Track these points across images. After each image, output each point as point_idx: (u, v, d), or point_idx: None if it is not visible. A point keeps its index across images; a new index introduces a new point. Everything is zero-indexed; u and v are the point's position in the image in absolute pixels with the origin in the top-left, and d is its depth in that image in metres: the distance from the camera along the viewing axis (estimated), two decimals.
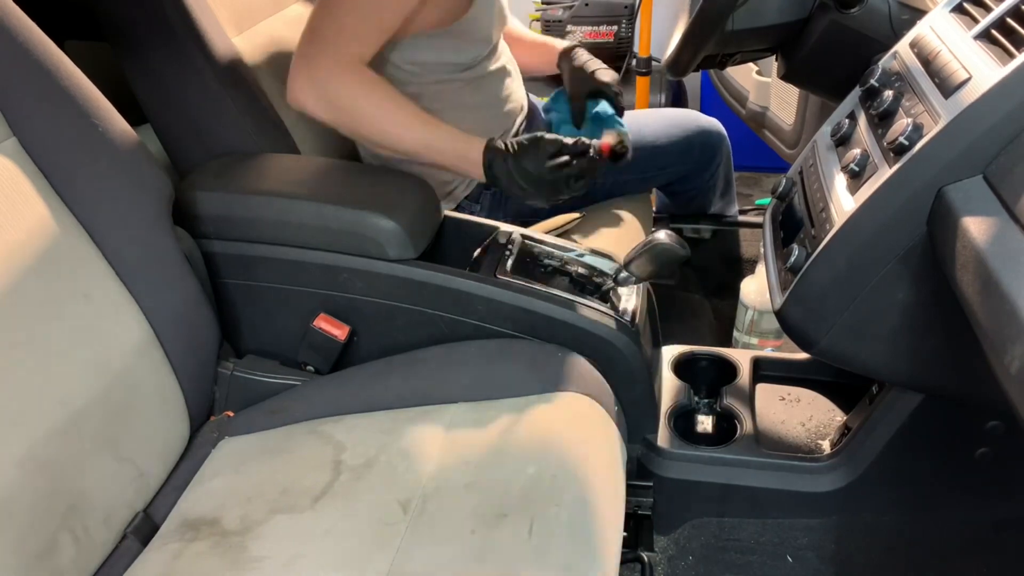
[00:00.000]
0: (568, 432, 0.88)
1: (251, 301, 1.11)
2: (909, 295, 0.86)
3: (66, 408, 0.81)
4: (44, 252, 0.83)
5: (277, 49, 1.33)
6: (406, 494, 0.82)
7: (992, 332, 0.63)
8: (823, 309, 0.90)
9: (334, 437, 0.91)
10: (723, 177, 1.69)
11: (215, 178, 1.11)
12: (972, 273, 0.67)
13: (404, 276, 1.05)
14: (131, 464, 0.87)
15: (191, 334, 0.98)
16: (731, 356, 1.25)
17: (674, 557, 1.13)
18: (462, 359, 1.01)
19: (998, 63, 0.76)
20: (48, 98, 0.87)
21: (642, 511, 1.11)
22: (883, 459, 1.04)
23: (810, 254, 0.90)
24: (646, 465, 1.11)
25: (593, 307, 1.05)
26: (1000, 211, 0.68)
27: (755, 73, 1.96)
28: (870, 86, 0.97)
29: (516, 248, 1.12)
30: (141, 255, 0.93)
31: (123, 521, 0.86)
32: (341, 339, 1.07)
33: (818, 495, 1.07)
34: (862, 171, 0.87)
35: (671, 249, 1.02)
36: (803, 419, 1.17)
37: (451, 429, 0.89)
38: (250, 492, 0.86)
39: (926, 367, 0.91)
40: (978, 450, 1.02)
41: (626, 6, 2.42)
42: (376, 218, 1.03)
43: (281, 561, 0.77)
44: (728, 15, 1.15)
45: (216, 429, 0.99)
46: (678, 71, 1.28)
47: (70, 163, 0.88)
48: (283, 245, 1.07)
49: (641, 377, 1.06)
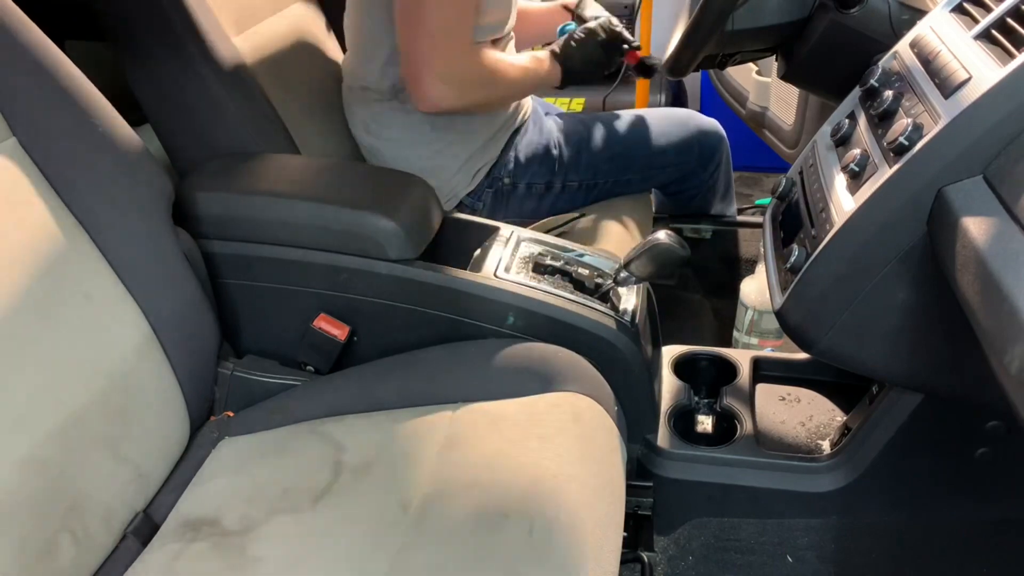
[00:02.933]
0: (568, 432, 0.88)
1: (251, 301, 1.11)
2: (909, 295, 0.86)
3: (66, 408, 0.81)
4: (44, 252, 0.83)
5: (277, 49, 1.33)
6: (406, 494, 0.82)
7: (992, 332, 0.63)
8: (823, 309, 0.90)
9: (334, 437, 0.91)
10: (723, 178, 1.69)
11: (215, 178, 1.11)
12: (972, 273, 0.67)
13: (404, 276, 1.05)
14: (131, 464, 0.87)
15: (191, 334, 0.98)
16: (731, 356, 1.25)
17: (674, 557, 1.13)
18: (462, 359, 1.01)
19: (998, 63, 0.76)
20: (48, 98, 0.87)
21: (642, 511, 1.11)
22: (883, 459, 1.04)
23: (810, 254, 0.90)
24: (646, 465, 1.11)
25: (593, 307, 1.05)
26: (1000, 211, 0.68)
27: (755, 73, 1.96)
28: (870, 86, 0.97)
29: (516, 248, 1.12)
30: (141, 255, 0.93)
31: (123, 521, 0.86)
32: (341, 339, 1.07)
33: (818, 495, 1.07)
34: (862, 171, 0.87)
35: (671, 249, 1.02)
36: (803, 419, 1.17)
37: (451, 429, 0.89)
38: (250, 492, 0.86)
39: (926, 367, 0.91)
40: (978, 450, 1.02)
41: (626, 6, 2.41)
42: (376, 218, 1.03)
43: (281, 561, 0.77)
44: (728, 15, 1.15)
45: (216, 429, 0.99)
46: (678, 71, 1.27)
47: (70, 163, 0.88)
48: (283, 245, 1.07)
49: (641, 377, 1.06)
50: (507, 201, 1.41)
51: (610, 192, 1.51)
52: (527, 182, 1.41)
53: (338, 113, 1.47)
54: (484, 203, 1.40)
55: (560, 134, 1.46)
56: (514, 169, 1.40)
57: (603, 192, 1.50)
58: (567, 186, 1.43)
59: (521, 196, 1.41)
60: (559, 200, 1.45)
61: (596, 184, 1.46)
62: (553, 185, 1.42)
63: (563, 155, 1.43)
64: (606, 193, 1.51)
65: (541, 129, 1.45)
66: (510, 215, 1.41)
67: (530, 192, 1.41)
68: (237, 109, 1.17)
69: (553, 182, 1.42)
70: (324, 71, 1.46)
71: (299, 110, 1.33)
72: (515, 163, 1.40)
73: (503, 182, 1.40)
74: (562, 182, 1.43)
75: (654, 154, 1.52)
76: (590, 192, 1.47)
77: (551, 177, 1.42)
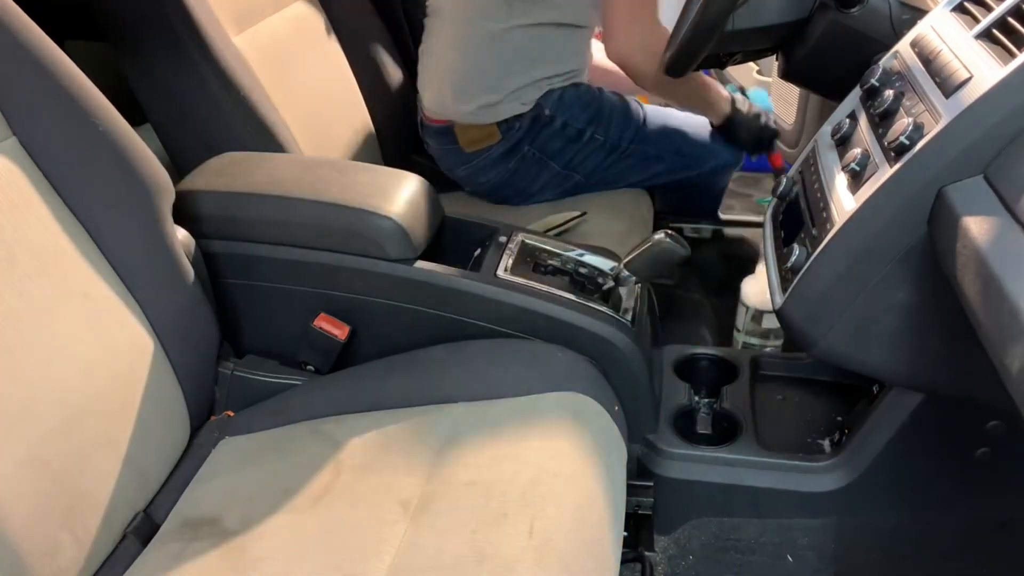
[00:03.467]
0: (568, 432, 0.88)
1: (251, 301, 1.11)
2: (910, 295, 0.86)
3: (66, 408, 0.81)
4: (44, 252, 0.83)
5: (277, 49, 1.33)
6: (406, 494, 0.82)
7: (993, 332, 0.63)
8: (823, 309, 0.90)
9: (334, 437, 0.91)
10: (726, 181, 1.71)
11: (215, 178, 1.11)
12: (973, 273, 0.67)
13: (404, 276, 1.05)
14: (131, 464, 0.87)
15: (191, 334, 0.98)
16: (731, 356, 1.25)
17: (674, 557, 1.13)
18: (462, 359, 1.00)
19: (999, 63, 0.76)
20: (48, 98, 0.87)
21: (642, 511, 1.11)
22: (883, 459, 1.04)
23: (810, 254, 0.90)
24: (646, 465, 1.11)
25: (593, 307, 1.05)
26: (1001, 211, 0.68)
27: (755, 73, 1.96)
28: (871, 86, 0.97)
29: (516, 248, 1.12)
30: (141, 255, 0.93)
31: (123, 521, 0.86)
32: (341, 339, 1.07)
33: (818, 495, 1.07)
34: (862, 171, 0.87)
35: (671, 249, 1.02)
36: (803, 419, 1.17)
37: (451, 429, 0.89)
38: (250, 492, 0.86)
39: (926, 367, 0.91)
40: (978, 450, 1.02)
41: None
42: (376, 218, 1.03)
43: (281, 561, 0.77)
44: (728, 15, 1.15)
45: (216, 429, 0.99)
46: (678, 71, 1.27)
47: (70, 163, 0.88)
48: (283, 245, 1.07)
49: (641, 377, 1.06)
50: (539, 132, 1.46)
51: (626, 162, 1.53)
52: (564, 121, 1.47)
53: (338, 112, 1.47)
54: (522, 126, 1.45)
55: (602, 94, 1.53)
56: (559, 104, 1.46)
57: (620, 159, 1.53)
58: (594, 139, 1.49)
59: (553, 132, 1.47)
60: (581, 150, 1.49)
61: (618, 146, 1.51)
62: (583, 133, 1.48)
63: (602, 109, 1.50)
64: (622, 162, 1.53)
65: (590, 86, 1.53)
66: (535, 145, 1.47)
67: (563, 132, 1.47)
68: (237, 109, 1.17)
69: (584, 131, 1.48)
70: (324, 70, 1.46)
71: (299, 110, 1.33)
72: (561, 100, 1.47)
73: (544, 112, 1.46)
74: (591, 134, 1.49)
75: (677, 139, 1.56)
76: (610, 153, 1.51)
77: (584, 125, 1.48)
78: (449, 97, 1.47)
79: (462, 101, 1.46)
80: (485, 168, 1.50)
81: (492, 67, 1.44)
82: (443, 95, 1.48)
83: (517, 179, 1.50)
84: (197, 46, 1.13)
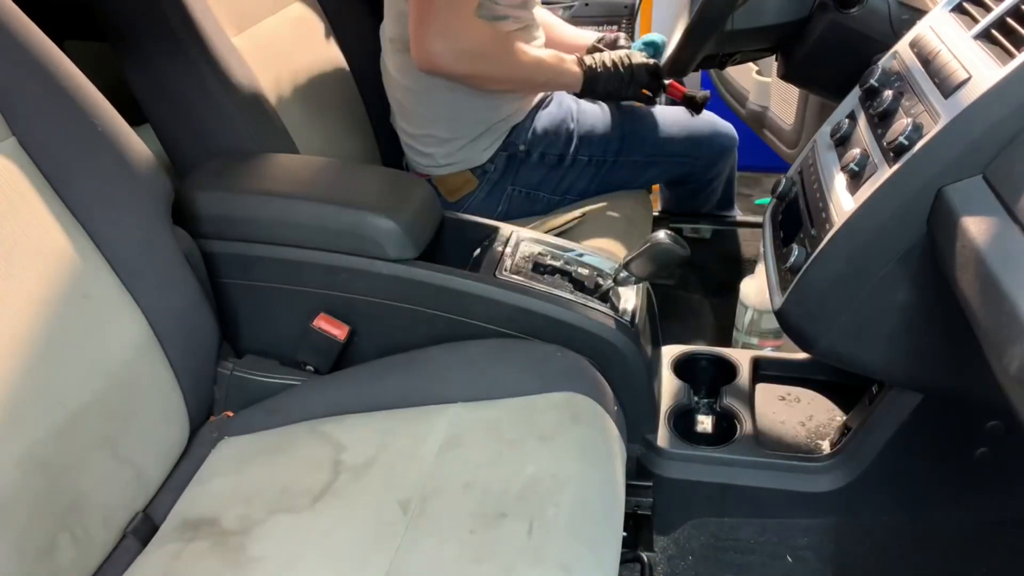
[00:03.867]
0: (568, 432, 0.88)
1: (251, 301, 1.11)
2: (909, 295, 0.86)
3: (65, 408, 0.81)
4: (44, 252, 0.83)
5: (277, 49, 1.33)
6: (405, 494, 0.82)
7: (992, 332, 0.63)
8: (823, 309, 0.90)
9: (334, 437, 0.91)
10: (728, 181, 1.71)
11: (215, 178, 1.11)
12: (972, 273, 0.67)
13: (404, 276, 1.05)
14: (130, 464, 0.87)
15: (191, 334, 0.98)
16: (731, 356, 1.25)
17: (674, 557, 1.13)
18: (462, 359, 1.00)
19: (998, 63, 0.76)
20: (48, 98, 0.87)
21: (642, 511, 1.11)
22: (883, 459, 1.04)
23: (810, 254, 0.90)
24: (646, 465, 1.11)
25: (593, 307, 1.05)
26: (1000, 211, 0.68)
27: (755, 73, 1.96)
28: (870, 86, 0.97)
29: (516, 248, 1.12)
30: (141, 255, 0.93)
31: (123, 521, 0.86)
32: (341, 339, 1.07)
33: (818, 495, 1.07)
34: (862, 171, 0.87)
35: (671, 249, 1.02)
36: (803, 419, 1.17)
37: (451, 429, 0.89)
38: (250, 492, 0.86)
39: (926, 367, 0.91)
40: (978, 450, 1.02)
41: (626, 6, 2.41)
42: (376, 218, 1.03)
43: (281, 561, 0.77)
44: (728, 15, 1.15)
45: (216, 429, 0.99)
46: (678, 71, 1.28)
47: (70, 163, 0.88)
48: (283, 245, 1.07)
49: (641, 377, 1.06)
50: (518, 169, 1.44)
51: (617, 174, 1.51)
52: (541, 151, 1.44)
53: (338, 112, 1.47)
54: (496, 167, 1.43)
55: (578, 110, 1.50)
56: (531, 138, 1.43)
57: (611, 172, 1.51)
58: (577, 160, 1.46)
59: (533, 165, 1.44)
60: (567, 174, 1.47)
61: (605, 161, 1.48)
62: (564, 158, 1.45)
63: (578, 128, 1.47)
64: (613, 174, 1.51)
65: (560, 103, 1.49)
66: (517, 183, 1.44)
67: (542, 162, 1.45)
68: (237, 109, 1.17)
69: (565, 155, 1.45)
70: (324, 70, 1.46)
71: (299, 110, 1.33)
72: (532, 132, 1.44)
73: (519, 149, 1.43)
74: (573, 155, 1.46)
75: (665, 140, 1.54)
76: (599, 169, 1.49)
77: (564, 149, 1.45)
78: (414, 153, 1.45)
79: (423, 156, 1.43)
80: (476, 213, 1.44)
81: (432, 122, 1.40)
82: (410, 151, 1.46)
83: (513, 213, 1.47)
84: (196, 46, 1.13)
